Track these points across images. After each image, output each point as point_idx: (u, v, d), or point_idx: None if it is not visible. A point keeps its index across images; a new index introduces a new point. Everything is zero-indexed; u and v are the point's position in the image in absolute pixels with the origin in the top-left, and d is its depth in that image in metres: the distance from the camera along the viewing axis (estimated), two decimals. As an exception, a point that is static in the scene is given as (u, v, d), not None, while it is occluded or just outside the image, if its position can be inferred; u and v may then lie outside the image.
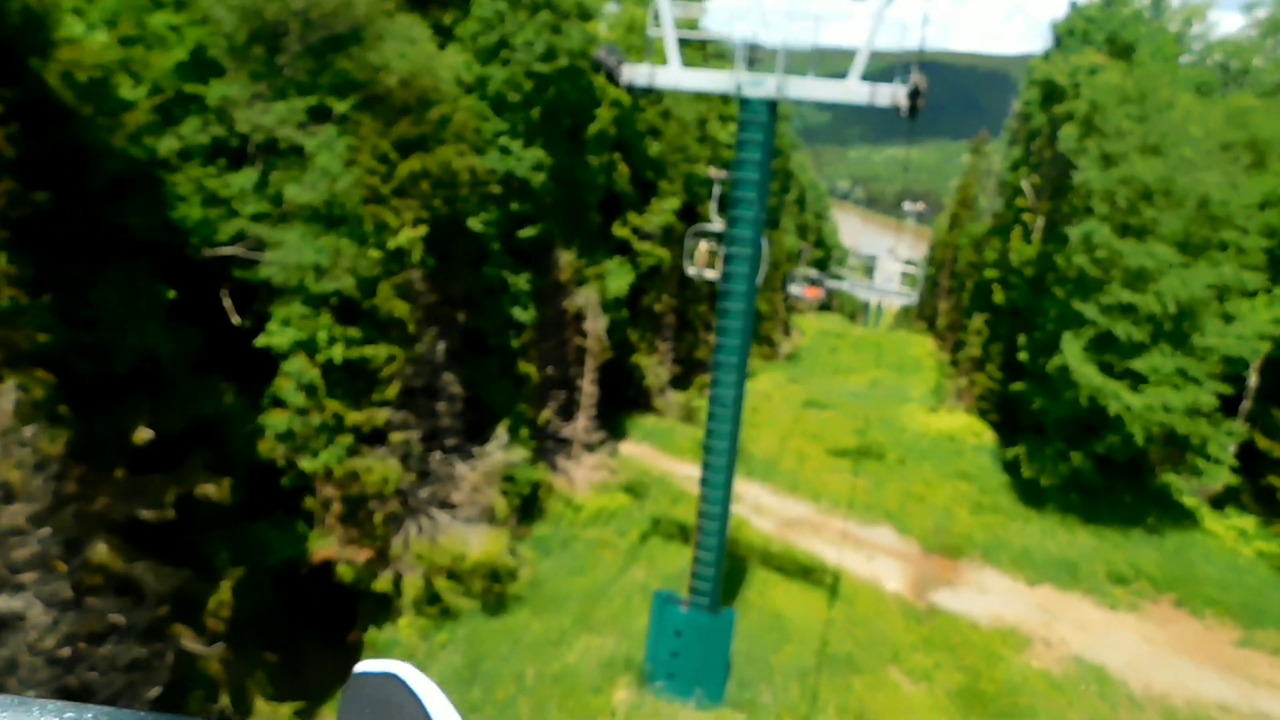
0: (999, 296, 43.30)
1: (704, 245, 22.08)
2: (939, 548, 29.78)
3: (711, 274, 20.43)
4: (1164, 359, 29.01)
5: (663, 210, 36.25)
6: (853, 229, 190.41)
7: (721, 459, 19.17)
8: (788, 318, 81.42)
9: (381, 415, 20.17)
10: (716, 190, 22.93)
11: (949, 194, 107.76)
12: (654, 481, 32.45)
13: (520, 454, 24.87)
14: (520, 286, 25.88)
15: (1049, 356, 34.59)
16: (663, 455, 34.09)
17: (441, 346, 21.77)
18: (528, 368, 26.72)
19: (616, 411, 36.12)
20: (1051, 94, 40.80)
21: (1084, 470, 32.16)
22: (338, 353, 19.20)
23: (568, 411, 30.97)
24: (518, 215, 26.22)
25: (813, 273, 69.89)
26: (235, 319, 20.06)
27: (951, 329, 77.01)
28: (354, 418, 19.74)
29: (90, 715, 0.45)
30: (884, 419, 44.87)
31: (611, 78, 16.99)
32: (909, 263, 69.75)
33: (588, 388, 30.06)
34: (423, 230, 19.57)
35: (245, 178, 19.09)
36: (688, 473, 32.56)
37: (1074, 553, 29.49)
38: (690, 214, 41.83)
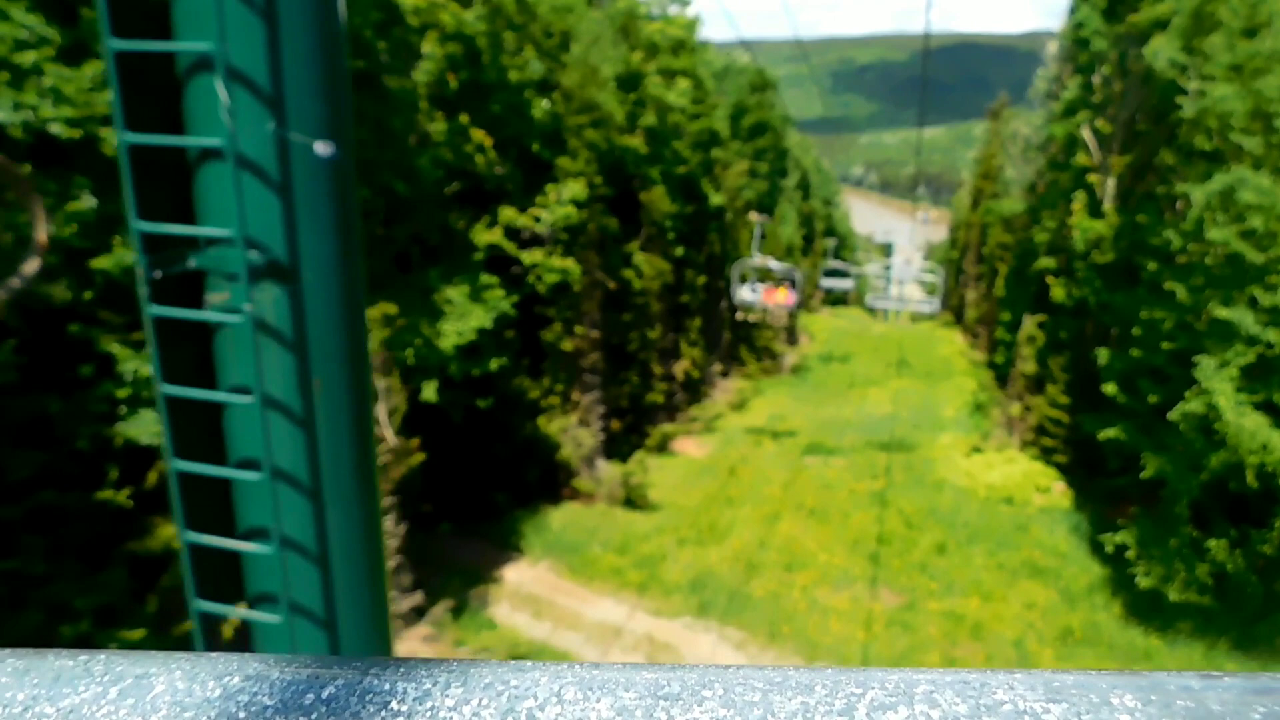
0: (1058, 292, 30.13)
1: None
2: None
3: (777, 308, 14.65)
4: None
5: (560, 202, 23.77)
6: (869, 215, 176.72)
7: None
8: (793, 321, 68.37)
9: None
10: (758, 231, 21.43)
11: (967, 170, 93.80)
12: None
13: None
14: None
15: (1159, 387, 21.49)
16: (572, 585, 21.51)
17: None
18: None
19: (494, 519, 23.71)
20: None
21: (1241, 577, 19.15)
22: None
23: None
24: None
25: (837, 264, 56.32)
26: None
27: (984, 323, 63.61)
28: None
29: (103, 658, 0.48)
30: (912, 467, 31.91)
31: None
32: (927, 271, 56.57)
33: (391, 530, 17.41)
34: None
35: None
36: (603, 615, 20.00)
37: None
38: (617, 206, 29.26)
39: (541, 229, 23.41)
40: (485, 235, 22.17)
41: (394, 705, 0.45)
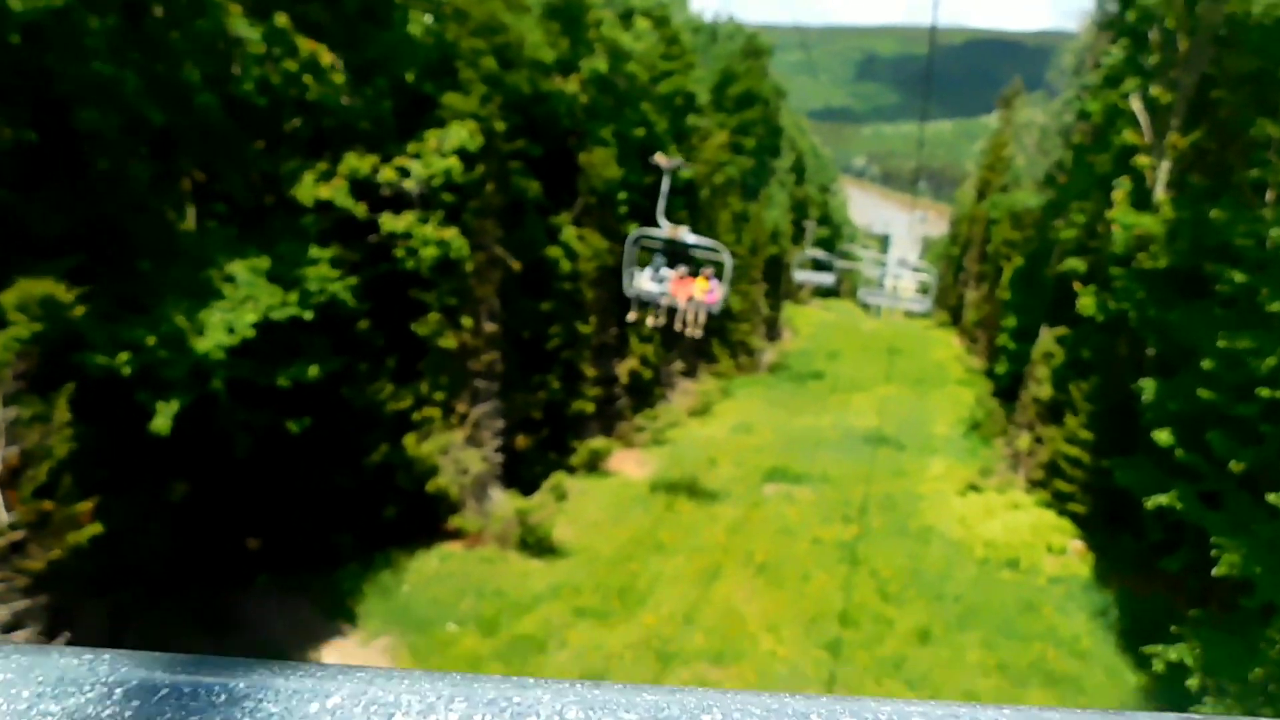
0: (1087, 302, 23.68)
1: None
2: None
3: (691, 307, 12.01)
4: None
5: (440, 152, 17.19)
6: (868, 206, 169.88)
7: None
8: (775, 314, 61.91)
9: None
10: (665, 184, 13.16)
11: (973, 162, 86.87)
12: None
13: None
14: None
15: (1243, 447, 15.15)
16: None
17: None
18: None
19: (327, 570, 17.24)
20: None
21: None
22: None
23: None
24: None
25: (818, 254, 49.88)
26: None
27: (984, 326, 57.18)
28: None
29: (108, 658, 0.48)
30: (893, 506, 25.60)
31: None
32: (919, 269, 50.56)
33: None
34: None
35: None
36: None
37: None
38: (547, 168, 22.70)
39: (411, 185, 16.85)
40: (316, 189, 15.61)
41: (397, 717, 0.44)
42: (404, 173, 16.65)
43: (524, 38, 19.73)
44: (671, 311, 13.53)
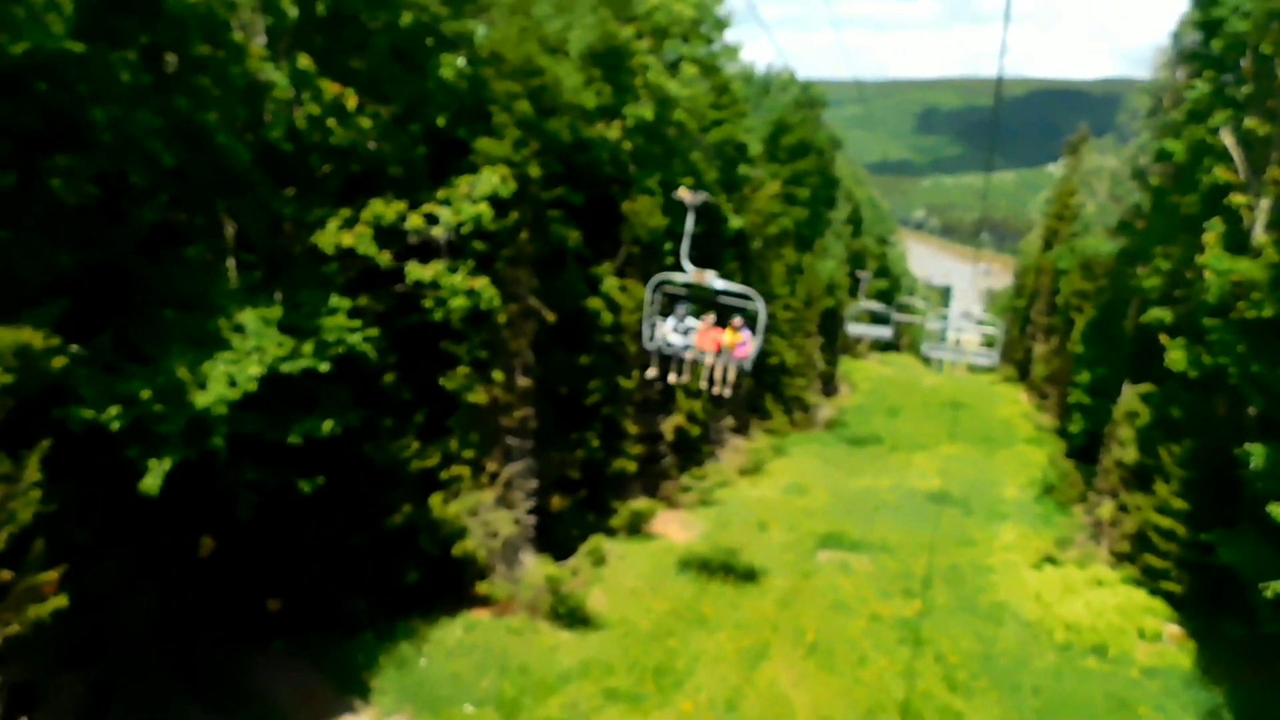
0: (1177, 356, 21.43)
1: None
2: None
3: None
4: None
5: (471, 197, 16.36)
6: (927, 259, 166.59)
7: None
8: (832, 369, 59.76)
9: None
10: (689, 221, 12.05)
11: (1038, 211, 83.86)
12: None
13: None
14: None
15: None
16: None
17: None
18: None
19: (342, 637, 15.97)
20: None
21: None
22: None
23: None
24: None
25: (875, 306, 47.96)
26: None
27: (1054, 381, 54.03)
28: None
29: None
30: (960, 578, 23.30)
31: None
32: (984, 322, 48.36)
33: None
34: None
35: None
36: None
37: None
38: (588, 217, 21.79)
39: (439, 232, 16.01)
40: (338, 236, 14.85)
41: None
42: (432, 220, 15.81)
43: (562, 81, 18.99)
44: (692, 363, 12.13)
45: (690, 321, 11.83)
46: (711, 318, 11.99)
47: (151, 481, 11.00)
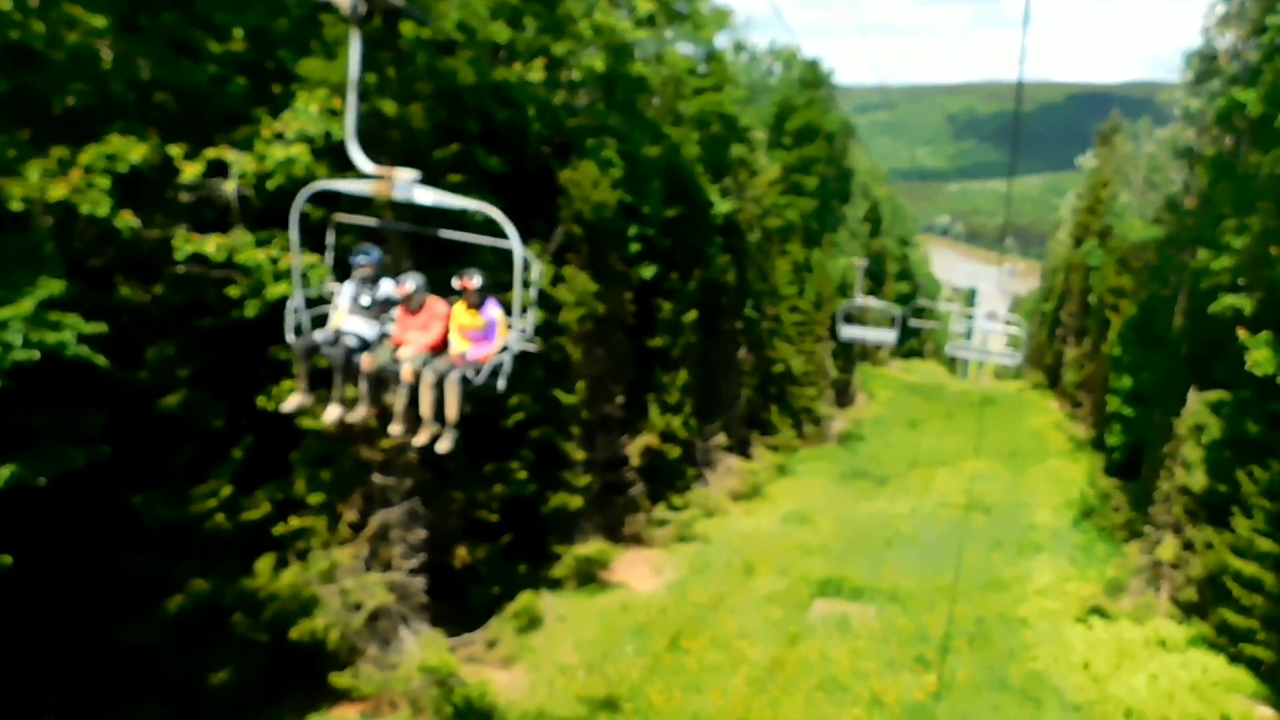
0: (1262, 356, 16.57)
1: None
2: None
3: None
4: None
5: (284, 137, 11.78)
6: (952, 263, 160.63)
7: None
8: (847, 376, 54.66)
9: None
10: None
11: (1066, 208, 78.25)
12: None
13: None
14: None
15: None
16: None
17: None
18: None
19: None
20: None
21: None
22: None
23: None
24: None
25: (873, 303, 40.87)
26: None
27: (1087, 388, 48.77)
28: None
29: None
30: (987, 640, 18.44)
31: None
32: (1010, 322, 43.78)
33: None
34: None
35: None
36: None
37: None
38: (518, 189, 17.36)
39: (229, 187, 11.52)
40: (44, 186, 10.25)
41: None
42: (221, 170, 11.40)
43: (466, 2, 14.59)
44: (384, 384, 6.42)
45: (386, 287, 6.19)
46: (416, 282, 6.02)
47: None
